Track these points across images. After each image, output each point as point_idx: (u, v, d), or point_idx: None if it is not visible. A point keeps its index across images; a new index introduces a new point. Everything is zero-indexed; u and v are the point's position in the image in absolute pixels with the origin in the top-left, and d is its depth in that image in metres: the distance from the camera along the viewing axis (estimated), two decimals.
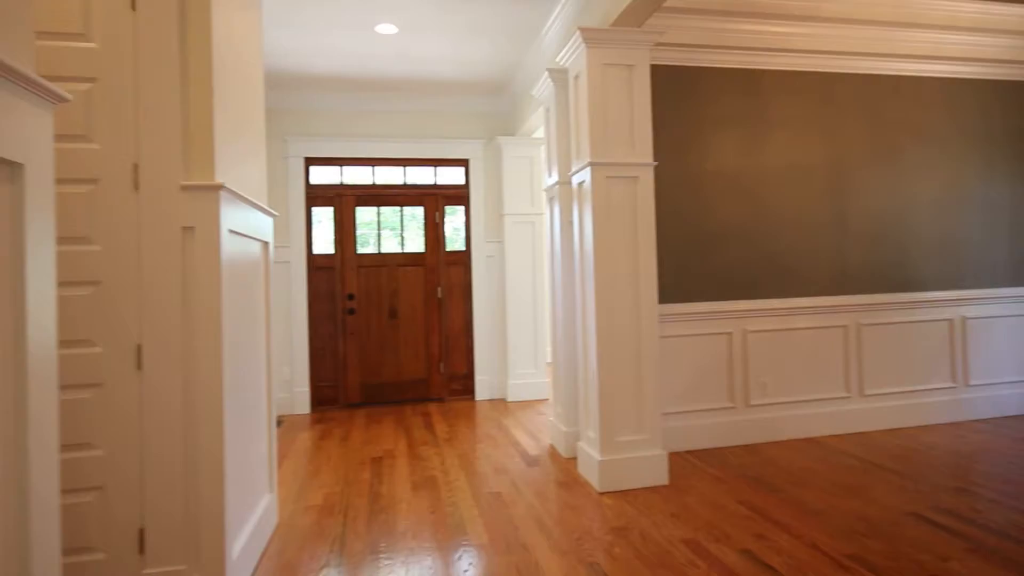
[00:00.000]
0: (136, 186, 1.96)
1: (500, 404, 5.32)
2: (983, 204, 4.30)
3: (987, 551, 2.28)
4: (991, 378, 4.28)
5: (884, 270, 4.11)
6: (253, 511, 2.42)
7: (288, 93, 5.11)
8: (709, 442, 3.76)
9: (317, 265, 5.28)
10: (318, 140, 5.22)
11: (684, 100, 3.81)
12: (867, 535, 2.46)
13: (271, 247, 2.77)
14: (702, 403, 3.78)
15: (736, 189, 3.88)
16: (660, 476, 3.12)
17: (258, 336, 2.58)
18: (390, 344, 5.40)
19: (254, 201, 2.44)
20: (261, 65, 2.79)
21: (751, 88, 3.91)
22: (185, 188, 1.99)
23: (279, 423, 4.81)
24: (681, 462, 3.48)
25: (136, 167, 1.96)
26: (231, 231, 2.16)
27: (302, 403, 5.15)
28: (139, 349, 1.95)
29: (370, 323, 5.35)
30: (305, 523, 2.78)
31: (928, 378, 4.17)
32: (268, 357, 2.72)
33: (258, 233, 2.55)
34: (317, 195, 5.30)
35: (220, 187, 2.01)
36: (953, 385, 4.21)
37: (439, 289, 5.50)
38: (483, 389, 5.54)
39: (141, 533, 1.95)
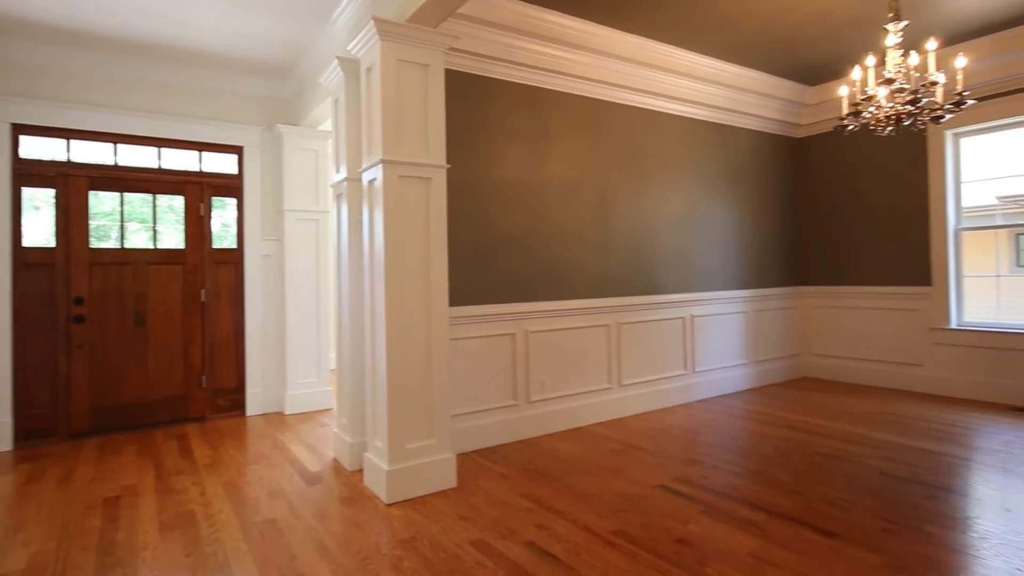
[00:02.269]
0: None
1: (276, 418, 4.83)
2: (706, 224, 5.26)
3: (715, 511, 2.75)
4: (711, 364, 5.24)
5: (637, 276, 4.75)
6: None
7: None
8: (494, 440, 3.90)
9: (28, 261, 4.17)
10: (35, 104, 4.12)
11: (474, 108, 3.90)
12: (627, 510, 2.77)
13: None
14: (488, 403, 3.91)
15: (520, 199, 4.11)
16: (449, 479, 3.12)
17: None
18: (136, 357, 4.51)
19: None
20: None
21: (534, 104, 4.19)
22: None
23: None
24: (468, 463, 3.54)
25: None
26: None
27: (1, 439, 4.00)
28: None
29: (107, 333, 4.41)
30: None
31: (667, 367, 4.93)
32: None
33: None
34: (31, 173, 4.18)
35: None
36: (685, 372, 5.05)
37: (203, 292, 4.79)
38: (256, 403, 4.98)
39: None
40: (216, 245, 4.88)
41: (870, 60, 3.43)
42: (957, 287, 5.04)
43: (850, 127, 3.46)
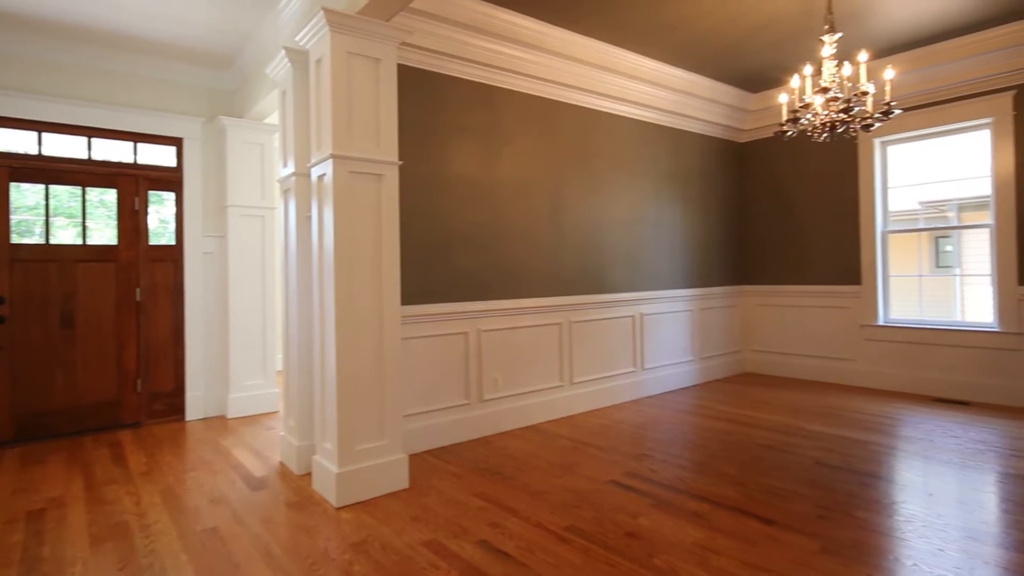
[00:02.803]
0: None
1: (219, 422, 4.64)
2: (654, 225, 5.39)
3: (664, 504, 2.82)
4: (659, 361, 5.39)
5: (589, 275, 4.82)
6: None
7: None
8: (447, 439, 3.88)
9: None
10: None
11: (428, 104, 3.86)
12: (579, 506, 2.81)
13: None
14: (440, 402, 3.88)
15: (474, 197, 4.09)
16: (401, 480, 3.08)
17: None
18: (62, 360, 4.24)
19: None
20: None
21: (488, 103, 4.18)
22: None
23: None
24: (421, 463, 3.50)
25: None
26: None
27: None
28: None
29: (30, 335, 4.12)
30: None
31: (618, 364, 5.03)
32: None
33: None
34: None
35: None
36: (634, 369, 5.16)
37: (138, 290, 4.54)
38: (197, 407, 4.77)
39: None
40: (153, 242, 4.64)
41: (807, 69, 3.60)
42: (884, 286, 5.37)
43: (789, 133, 3.62)
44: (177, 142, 4.73)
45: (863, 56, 3.40)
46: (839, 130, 3.46)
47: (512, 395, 4.27)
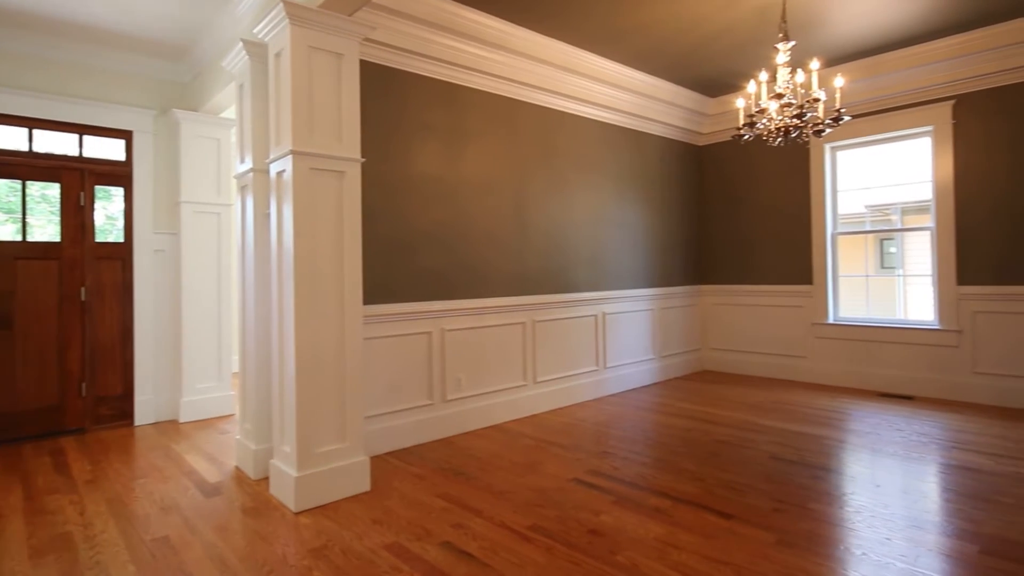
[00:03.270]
0: None
1: (170, 427, 4.47)
2: (617, 224, 5.46)
3: (626, 501, 2.86)
4: (621, 360, 5.46)
5: (552, 274, 4.85)
6: None
7: None
8: (410, 440, 3.84)
9: None
10: None
11: (392, 101, 3.81)
12: (542, 505, 2.82)
13: None
14: (403, 403, 3.84)
15: (438, 195, 4.06)
16: (362, 483, 3.03)
17: None
18: (0, 364, 4.01)
19: None
20: None
21: (452, 101, 4.16)
22: None
23: None
24: (383, 465, 3.45)
25: None
26: None
27: None
28: None
29: None
30: None
31: (580, 363, 5.08)
32: None
33: None
34: None
35: None
36: (597, 368, 5.22)
37: (83, 290, 4.33)
38: (147, 411, 4.58)
39: None
40: (100, 239, 4.44)
41: (763, 76, 3.71)
42: (834, 286, 5.58)
43: (746, 137, 3.73)
44: (127, 135, 4.53)
45: (815, 64, 3.53)
46: (793, 135, 3.58)
47: (476, 395, 4.26)
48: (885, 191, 5.46)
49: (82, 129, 4.34)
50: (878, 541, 2.39)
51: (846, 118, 3.51)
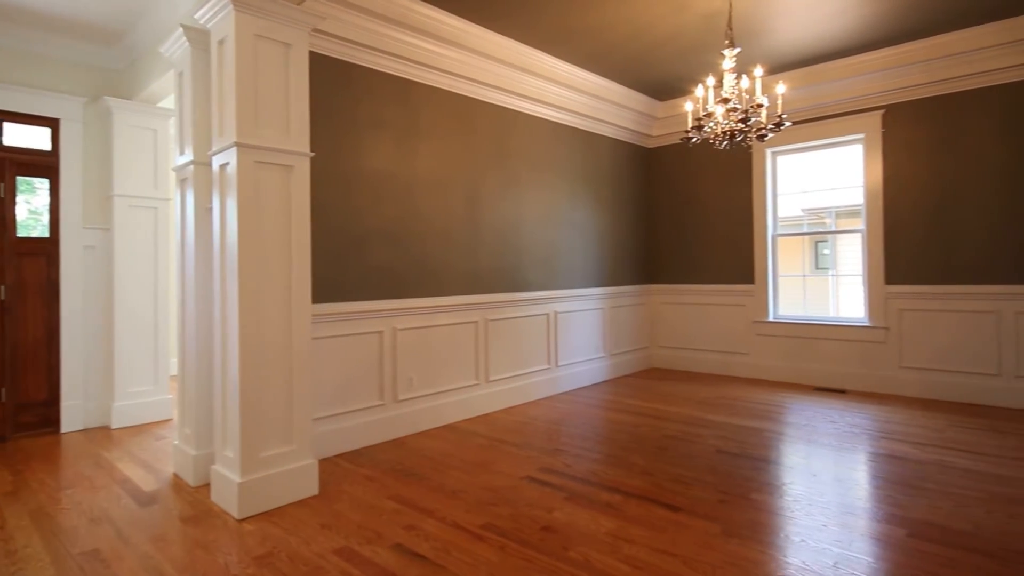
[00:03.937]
0: None
1: (101, 434, 4.22)
2: (569, 224, 5.52)
3: (578, 497, 2.89)
4: (572, 358, 5.53)
5: (505, 273, 4.86)
6: None
7: None
8: (360, 442, 3.76)
9: None
10: None
11: (344, 95, 3.72)
12: (495, 503, 2.82)
13: None
14: (352, 404, 3.75)
15: (389, 192, 3.99)
16: (310, 487, 2.94)
17: None
18: None
19: None
20: None
21: (406, 97, 4.09)
22: None
23: None
24: (332, 467, 3.37)
25: None
26: None
27: None
28: None
29: None
30: None
31: (533, 362, 5.11)
32: None
33: None
34: None
35: None
36: (548, 366, 5.26)
37: (2, 288, 4.03)
38: (74, 418, 4.30)
39: None
40: (22, 234, 4.14)
41: (710, 80, 3.83)
42: (774, 285, 5.83)
43: (694, 140, 3.83)
44: (53, 123, 4.24)
45: (759, 71, 3.67)
46: (737, 139, 3.71)
47: (428, 395, 4.21)
48: (821, 195, 5.75)
49: (1, 116, 4.03)
50: (815, 528, 2.51)
51: (787, 124, 3.66)
